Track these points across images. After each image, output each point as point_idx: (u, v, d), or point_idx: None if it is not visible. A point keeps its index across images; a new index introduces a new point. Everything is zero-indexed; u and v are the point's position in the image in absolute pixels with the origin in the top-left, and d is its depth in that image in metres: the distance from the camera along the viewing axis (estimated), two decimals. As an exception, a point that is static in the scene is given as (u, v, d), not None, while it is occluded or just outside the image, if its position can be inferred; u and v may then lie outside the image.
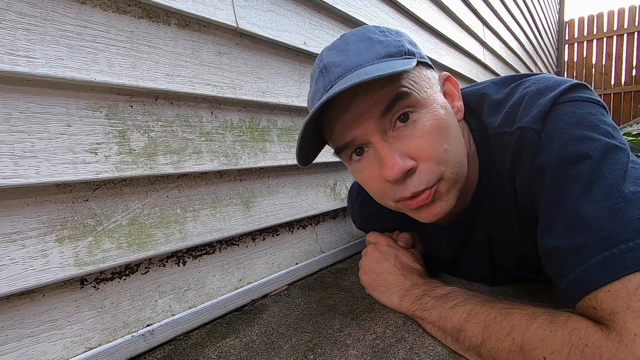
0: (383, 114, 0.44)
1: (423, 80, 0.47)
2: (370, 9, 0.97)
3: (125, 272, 0.52)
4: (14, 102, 0.40)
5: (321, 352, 0.50)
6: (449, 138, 0.46)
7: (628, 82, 4.76)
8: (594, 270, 0.35)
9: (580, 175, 0.39)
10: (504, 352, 0.39)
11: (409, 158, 0.44)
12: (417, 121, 0.44)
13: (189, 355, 0.52)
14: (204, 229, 0.60)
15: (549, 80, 0.47)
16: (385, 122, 0.45)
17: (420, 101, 0.45)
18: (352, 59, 0.44)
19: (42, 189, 0.43)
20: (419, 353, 0.48)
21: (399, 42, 0.46)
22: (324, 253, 0.87)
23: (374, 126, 0.44)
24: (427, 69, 0.49)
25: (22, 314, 0.43)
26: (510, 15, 2.37)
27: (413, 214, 0.50)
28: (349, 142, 0.47)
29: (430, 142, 0.44)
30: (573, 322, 0.36)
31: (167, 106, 0.55)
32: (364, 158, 0.48)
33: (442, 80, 0.52)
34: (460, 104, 0.52)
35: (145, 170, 0.51)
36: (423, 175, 0.45)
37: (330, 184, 0.89)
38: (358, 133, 0.45)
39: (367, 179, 0.49)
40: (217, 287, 0.64)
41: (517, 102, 0.48)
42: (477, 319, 0.44)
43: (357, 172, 0.51)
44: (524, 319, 0.39)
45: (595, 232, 0.35)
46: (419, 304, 0.53)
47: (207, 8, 0.57)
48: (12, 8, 0.39)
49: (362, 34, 0.47)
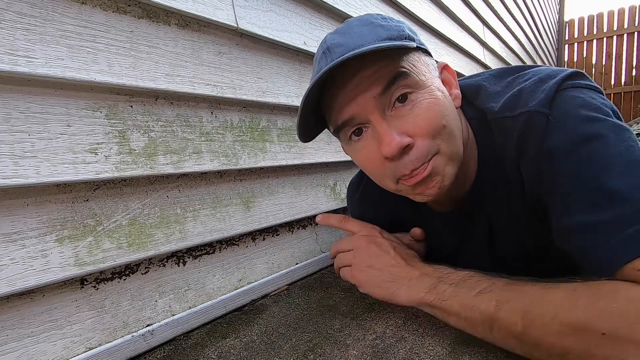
0: (382, 92, 0.45)
1: (422, 64, 0.48)
2: (370, 9, 0.97)
3: (125, 272, 0.52)
4: (14, 102, 0.40)
5: (321, 352, 0.50)
6: (446, 117, 0.47)
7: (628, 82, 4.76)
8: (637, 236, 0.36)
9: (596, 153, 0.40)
10: (553, 335, 0.38)
11: (406, 135, 0.45)
12: (415, 101, 0.46)
13: (189, 355, 0.52)
14: (204, 229, 0.60)
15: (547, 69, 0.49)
16: (384, 101, 0.45)
17: (419, 83, 0.46)
18: (354, 39, 0.45)
19: (42, 189, 0.43)
20: (419, 353, 0.48)
21: (400, 27, 0.48)
22: (324, 253, 0.87)
23: (373, 104, 0.45)
24: (426, 55, 0.50)
25: (22, 314, 0.43)
26: (510, 15, 2.37)
27: (412, 193, 0.50)
28: (347, 120, 0.47)
29: (427, 119, 0.45)
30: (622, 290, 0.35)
31: (167, 106, 0.55)
32: (363, 138, 0.49)
33: (440, 69, 0.53)
34: (457, 92, 0.53)
35: (145, 170, 0.51)
36: (420, 151, 0.46)
37: (330, 184, 0.89)
38: (357, 111, 0.46)
39: (366, 158, 0.50)
40: (217, 287, 0.64)
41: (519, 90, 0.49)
42: (510, 306, 0.42)
43: (356, 152, 0.51)
44: (567, 298, 0.38)
45: (630, 202, 0.36)
46: (436, 294, 0.49)
47: (207, 8, 0.57)
48: (12, 8, 0.39)
49: (364, 19, 0.49)
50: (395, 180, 0.49)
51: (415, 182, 0.47)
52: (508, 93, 0.50)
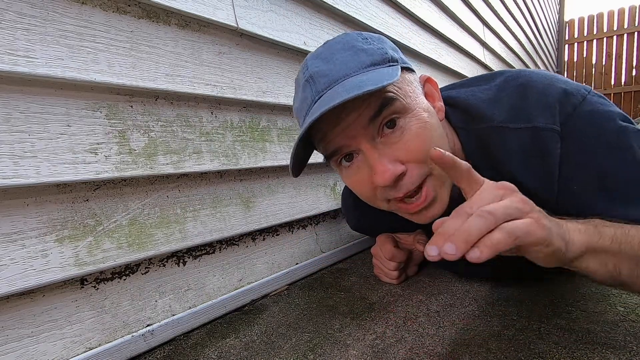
0: (370, 121, 0.45)
1: (407, 85, 0.48)
2: (371, 9, 0.97)
3: (125, 272, 0.52)
4: (14, 102, 0.40)
5: (321, 352, 0.50)
6: (434, 139, 0.47)
7: (628, 82, 4.76)
8: None
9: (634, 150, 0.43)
10: None
11: (399, 163, 0.46)
12: (404, 127, 0.46)
13: (189, 355, 0.52)
14: (204, 229, 0.60)
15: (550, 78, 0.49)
16: (373, 129, 0.46)
17: (405, 106, 0.46)
18: (338, 68, 0.45)
19: (42, 189, 0.43)
20: (419, 353, 0.48)
21: (382, 50, 0.47)
22: (324, 253, 0.87)
23: (362, 134, 0.46)
24: (409, 73, 0.50)
25: (22, 314, 0.43)
26: (510, 15, 2.37)
27: (409, 216, 0.51)
28: (338, 149, 0.48)
29: (417, 145, 0.46)
30: None
31: (167, 106, 0.55)
32: (354, 164, 0.49)
33: (423, 82, 0.53)
34: (440, 104, 0.53)
35: (145, 170, 0.51)
36: (413, 176, 0.46)
37: (330, 184, 0.89)
38: (346, 141, 0.47)
39: (357, 183, 0.50)
40: (217, 287, 0.64)
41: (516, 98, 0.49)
42: None
43: (347, 177, 0.52)
44: None
45: None
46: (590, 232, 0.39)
47: (207, 8, 0.57)
48: (12, 8, 0.39)
49: (345, 42, 0.48)
50: (386, 201, 0.50)
51: (415, 211, 0.48)
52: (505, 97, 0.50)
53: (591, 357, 0.44)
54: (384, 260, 0.71)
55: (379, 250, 0.71)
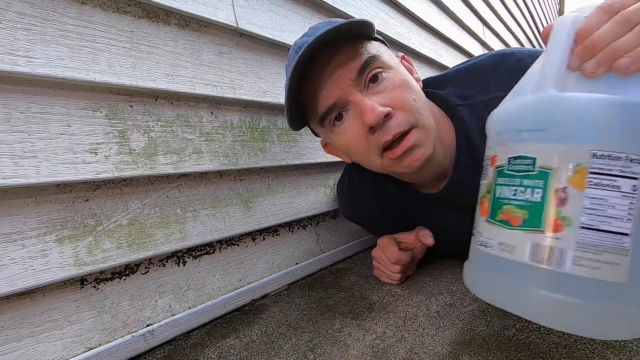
0: (357, 75, 0.51)
1: (385, 51, 0.55)
2: (370, 9, 0.97)
3: (125, 272, 0.52)
4: (14, 102, 0.40)
5: (321, 352, 0.50)
6: (415, 93, 0.53)
7: (628, 82, 4.75)
8: None
9: None
10: None
11: (386, 106, 0.50)
12: (387, 79, 0.52)
13: (189, 355, 0.52)
14: (204, 229, 0.60)
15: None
16: (359, 83, 0.51)
17: (387, 63, 0.53)
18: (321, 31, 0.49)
19: (42, 189, 0.43)
20: (419, 353, 0.48)
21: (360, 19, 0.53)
22: (324, 253, 0.87)
23: (351, 87, 0.51)
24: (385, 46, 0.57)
25: (22, 314, 0.43)
26: (510, 15, 2.37)
27: (398, 165, 0.54)
28: (331, 106, 0.52)
29: (400, 93, 0.51)
30: None
31: (167, 106, 0.55)
32: (345, 119, 0.54)
33: (399, 59, 0.60)
34: (417, 76, 0.60)
35: (145, 170, 0.51)
36: (400, 120, 0.51)
37: (330, 184, 0.89)
38: (337, 94, 0.51)
39: (350, 137, 0.54)
40: (217, 287, 0.64)
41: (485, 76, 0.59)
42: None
43: (340, 134, 0.55)
44: None
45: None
46: None
47: (207, 8, 0.57)
48: (12, 8, 0.39)
49: (326, 21, 0.55)
50: (380, 154, 0.53)
51: (400, 153, 0.52)
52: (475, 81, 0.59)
53: (591, 357, 0.44)
54: (387, 264, 0.70)
55: (381, 253, 0.70)
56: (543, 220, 0.32)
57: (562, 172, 0.31)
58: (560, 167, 0.31)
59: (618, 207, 0.30)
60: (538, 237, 0.32)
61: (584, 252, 0.30)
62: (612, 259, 0.30)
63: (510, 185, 0.35)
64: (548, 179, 0.32)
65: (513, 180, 0.34)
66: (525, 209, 0.33)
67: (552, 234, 0.31)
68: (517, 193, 0.34)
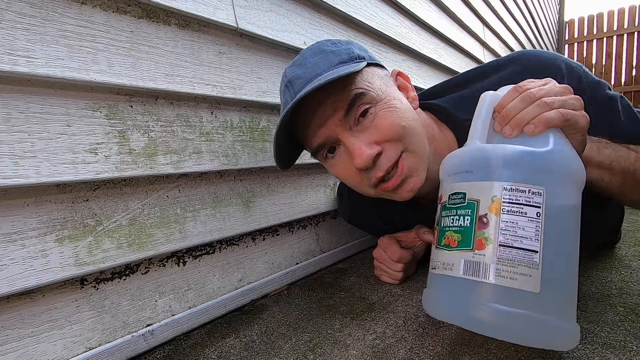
0: (345, 114, 0.50)
1: (377, 79, 0.53)
2: (370, 9, 0.97)
3: (125, 272, 0.52)
4: (14, 102, 0.40)
5: (321, 352, 0.50)
6: (404, 119, 0.52)
7: (628, 82, 4.75)
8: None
9: None
10: None
11: (375, 144, 0.51)
12: (375, 113, 0.51)
13: (189, 355, 0.52)
14: (204, 229, 0.60)
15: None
16: (349, 121, 0.51)
17: (376, 97, 0.52)
18: (310, 70, 0.50)
19: (42, 189, 0.43)
20: (419, 353, 0.48)
21: (349, 50, 0.53)
22: (324, 253, 0.87)
23: (340, 126, 0.51)
24: (379, 68, 0.56)
25: (22, 314, 0.43)
26: (510, 15, 2.37)
27: (392, 195, 0.55)
28: (321, 144, 0.53)
29: (387, 125, 0.51)
30: None
31: (167, 106, 0.55)
32: (337, 155, 0.55)
33: (394, 76, 0.59)
34: (414, 94, 0.59)
35: (145, 170, 0.51)
36: (389, 153, 0.51)
37: (330, 184, 0.89)
38: (327, 134, 0.52)
39: (342, 171, 0.56)
40: (217, 287, 0.64)
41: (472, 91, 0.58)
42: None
43: (333, 168, 0.57)
44: None
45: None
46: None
47: (207, 8, 0.57)
48: (12, 8, 0.39)
49: (316, 47, 0.55)
50: (373, 186, 0.54)
51: (392, 188, 0.53)
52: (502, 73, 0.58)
53: (591, 357, 0.44)
54: (389, 263, 0.70)
55: (383, 252, 0.71)
56: (472, 240, 0.39)
57: (484, 202, 0.39)
58: (482, 198, 0.40)
59: (527, 229, 0.37)
60: (468, 255, 0.39)
61: (503, 265, 0.37)
62: (526, 272, 0.37)
63: (450, 216, 0.43)
64: (474, 208, 0.40)
65: (451, 211, 0.43)
66: (459, 233, 0.41)
67: (478, 252, 0.39)
68: (454, 221, 0.42)
